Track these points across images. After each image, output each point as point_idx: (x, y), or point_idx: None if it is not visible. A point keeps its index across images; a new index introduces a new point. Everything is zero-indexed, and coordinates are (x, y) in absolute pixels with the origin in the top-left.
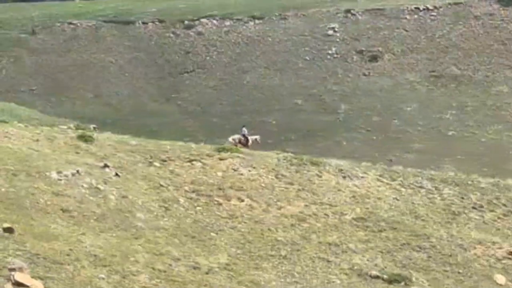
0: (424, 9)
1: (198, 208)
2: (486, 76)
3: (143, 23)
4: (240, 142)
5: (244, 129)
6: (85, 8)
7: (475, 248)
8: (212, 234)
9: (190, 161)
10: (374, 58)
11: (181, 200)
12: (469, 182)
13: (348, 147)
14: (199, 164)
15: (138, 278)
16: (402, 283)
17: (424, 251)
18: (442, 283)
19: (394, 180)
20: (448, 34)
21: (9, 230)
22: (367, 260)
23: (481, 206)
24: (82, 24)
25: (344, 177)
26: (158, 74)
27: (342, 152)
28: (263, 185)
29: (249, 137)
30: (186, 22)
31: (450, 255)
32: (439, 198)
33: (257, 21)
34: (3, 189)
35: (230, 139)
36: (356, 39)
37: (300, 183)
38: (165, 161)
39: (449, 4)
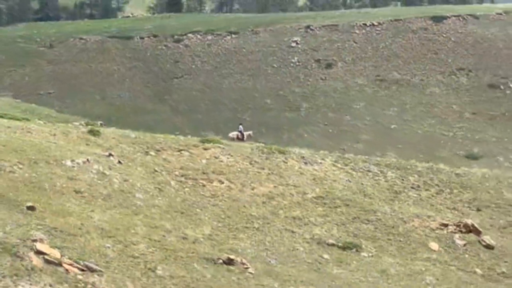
0: (370, 24)
1: (186, 189)
2: (421, 80)
3: (141, 38)
4: (237, 137)
5: (240, 126)
6: (93, 26)
7: (413, 220)
8: (198, 210)
9: (179, 150)
10: (329, 66)
11: (172, 182)
12: (408, 167)
13: (309, 139)
14: (186, 153)
15: (137, 247)
16: (354, 250)
17: (371, 223)
18: (386, 250)
19: (346, 165)
20: (390, 45)
21: (31, 208)
22: (325, 231)
23: (418, 186)
24: (91, 39)
25: (305, 163)
26: (153, 79)
27: (304, 142)
28: (239, 169)
29: (244, 133)
30: (175, 36)
31: (393, 227)
32: (383, 179)
33: (233, 36)
34: (26, 175)
35: (230, 135)
36: (314, 50)
37: (269, 168)
38: (159, 151)
39: (391, 20)
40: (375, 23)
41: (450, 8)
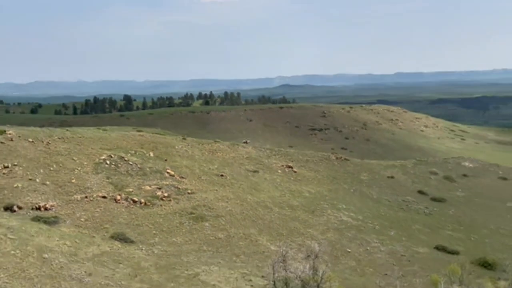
0: (263, 109)
1: (210, 155)
2: (276, 126)
3: (196, 112)
4: (245, 142)
5: (246, 139)
6: (180, 109)
7: (274, 165)
8: (214, 161)
9: (208, 144)
10: (245, 142)
11: (206, 153)
12: (272, 149)
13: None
14: (210, 145)
15: (196, 170)
16: (257, 172)
17: (261, 165)
18: (266, 172)
19: (255, 148)
20: (272, 117)
21: (165, 160)
22: (249, 167)
23: (275, 155)
24: (182, 113)
25: (243, 147)
26: (201, 124)
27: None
28: (225, 149)
29: (247, 141)
30: (207, 111)
31: (268, 166)
32: (265, 153)
33: (223, 112)
34: (163, 150)
35: (243, 142)
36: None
37: (234, 149)
38: (203, 144)
39: (269, 108)
40: (265, 109)
41: (289, 104)
